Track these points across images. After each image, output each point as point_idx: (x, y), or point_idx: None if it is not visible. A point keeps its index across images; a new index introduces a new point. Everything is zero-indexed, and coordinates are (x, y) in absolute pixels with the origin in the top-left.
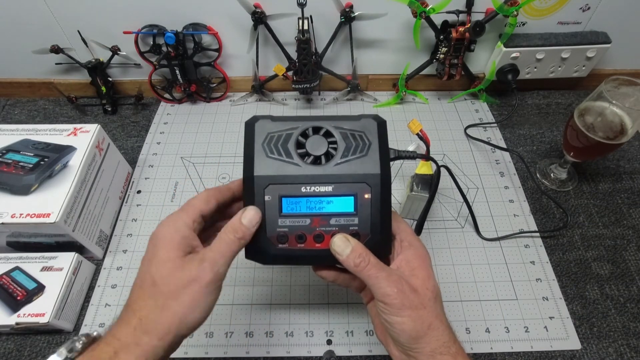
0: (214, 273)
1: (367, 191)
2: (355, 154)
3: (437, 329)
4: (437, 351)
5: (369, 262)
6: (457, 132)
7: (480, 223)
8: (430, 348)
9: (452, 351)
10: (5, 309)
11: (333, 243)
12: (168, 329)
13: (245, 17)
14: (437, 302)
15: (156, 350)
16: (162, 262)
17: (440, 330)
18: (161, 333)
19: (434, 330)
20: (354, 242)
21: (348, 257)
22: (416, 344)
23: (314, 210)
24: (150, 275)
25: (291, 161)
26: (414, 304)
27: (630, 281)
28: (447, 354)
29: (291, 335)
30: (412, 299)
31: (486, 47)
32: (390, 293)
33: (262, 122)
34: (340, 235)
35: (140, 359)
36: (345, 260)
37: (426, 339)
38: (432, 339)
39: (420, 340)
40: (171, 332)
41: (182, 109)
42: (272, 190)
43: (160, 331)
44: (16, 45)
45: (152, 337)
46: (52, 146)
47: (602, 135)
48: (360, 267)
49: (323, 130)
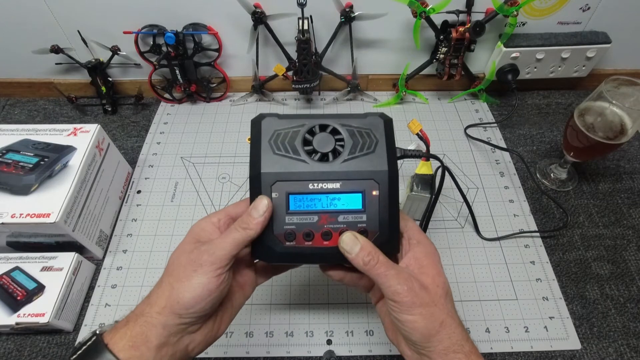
0: (209, 255)
1: (375, 188)
2: (362, 151)
3: (449, 326)
4: (450, 349)
5: (378, 260)
6: (457, 132)
7: (480, 223)
8: (443, 346)
9: (466, 349)
10: (5, 309)
11: (342, 241)
12: (164, 304)
13: (245, 17)
14: (448, 300)
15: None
16: (179, 248)
17: (452, 327)
18: (159, 307)
19: (446, 327)
20: (363, 240)
21: (357, 256)
22: (428, 342)
23: (321, 207)
24: (171, 259)
25: (298, 158)
26: (425, 302)
27: (630, 281)
28: (460, 352)
29: (291, 335)
30: (423, 297)
31: (486, 47)
32: (400, 291)
33: (269, 120)
34: (348, 233)
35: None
36: (354, 259)
37: (438, 337)
38: (444, 337)
39: (433, 339)
40: (167, 308)
41: (182, 109)
42: (279, 188)
43: (158, 305)
44: (16, 45)
45: (152, 309)
46: (52, 146)
47: (602, 135)
48: (370, 266)
49: (330, 127)
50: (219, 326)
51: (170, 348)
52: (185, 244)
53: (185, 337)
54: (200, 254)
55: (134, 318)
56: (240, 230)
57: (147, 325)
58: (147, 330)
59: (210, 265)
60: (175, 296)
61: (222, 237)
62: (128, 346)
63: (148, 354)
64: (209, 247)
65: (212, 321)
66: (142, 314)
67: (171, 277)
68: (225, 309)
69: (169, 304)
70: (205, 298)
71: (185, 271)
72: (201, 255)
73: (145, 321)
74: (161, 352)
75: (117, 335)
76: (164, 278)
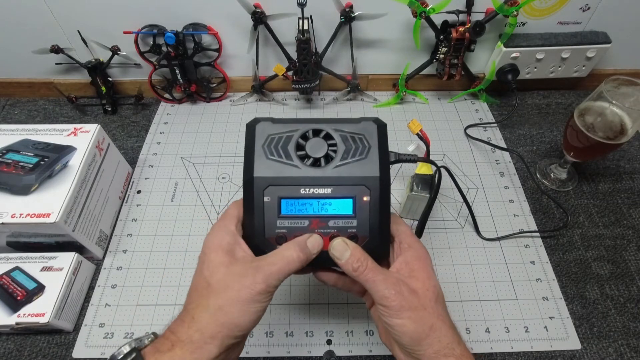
0: (266, 285)
1: (366, 194)
2: (354, 156)
3: (439, 329)
4: (440, 353)
5: (367, 266)
6: (457, 132)
7: (480, 223)
8: (433, 350)
9: (457, 353)
10: (5, 309)
11: (332, 247)
12: (219, 330)
13: (245, 17)
14: (439, 303)
15: (209, 349)
16: (214, 265)
17: (442, 331)
18: (212, 332)
19: (436, 331)
20: (353, 246)
21: (347, 262)
22: (418, 345)
23: (312, 212)
24: (203, 278)
25: (291, 163)
26: (413, 305)
27: (630, 281)
28: (451, 355)
29: (291, 335)
30: (411, 300)
31: (486, 47)
32: (388, 295)
33: (263, 124)
34: (339, 239)
35: (195, 353)
36: (343, 265)
37: (428, 340)
38: (434, 340)
39: (423, 342)
40: (222, 333)
41: (182, 109)
42: (272, 192)
43: (211, 330)
44: (16, 45)
45: (204, 335)
46: (52, 146)
47: (602, 135)
48: (359, 272)
49: (323, 132)
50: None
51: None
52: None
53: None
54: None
55: (181, 345)
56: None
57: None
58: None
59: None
60: (232, 322)
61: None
62: None
63: None
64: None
65: None
66: (191, 341)
67: (220, 300)
68: None
69: (225, 329)
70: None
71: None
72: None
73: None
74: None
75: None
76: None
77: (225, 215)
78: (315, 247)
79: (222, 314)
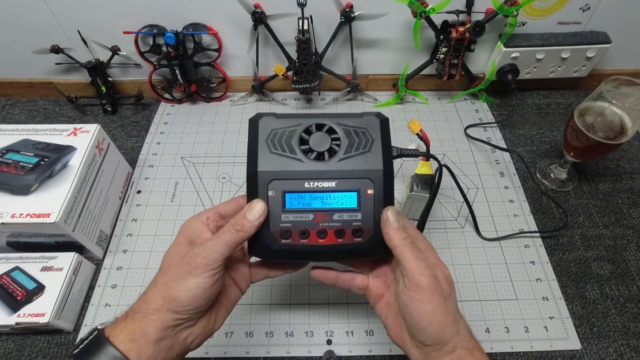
0: (202, 257)
1: (370, 187)
2: (358, 150)
3: (459, 320)
4: (458, 345)
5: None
6: (457, 132)
7: (480, 223)
8: (453, 342)
9: (470, 345)
10: (5, 309)
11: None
12: (161, 302)
13: (245, 17)
14: (454, 293)
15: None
16: (172, 248)
17: (462, 322)
18: (156, 305)
19: (457, 322)
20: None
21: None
22: (441, 335)
23: (317, 205)
24: (164, 259)
25: (295, 157)
26: (441, 292)
27: (630, 281)
28: (465, 347)
29: (291, 335)
30: (440, 287)
31: (486, 47)
32: (424, 273)
33: (266, 119)
34: (393, 208)
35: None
36: (397, 229)
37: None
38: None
39: (445, 334)
40: (164, 306)
41: (182, 109)
42: (276, 186)
43: (155, 303)
44: (16, 45)
45: (149, 306)
46: (52, 146)
47: (602, 135)
48: (406, 242)
49: (326, 127)
50: (215, 320)
51: (168, 341)
52: (177, 245)
53: (183, 330)
54: (194, 257)
55: (132, 314)
56: (233, 232)
57: (146, 320)
58: (146, 325)
59: (204, 267)
60: (171, 295)
61: (214, 239)
62: (128, 339)
63: (147, 346)
64: (202, 249)
65: (208, 315)
66: (139, 311)
67: (165, 276)
68: (221, 303)
69: (165, 302)
70: (201, 296)
71: (180, 272)
72: (195, 258)
73: (143, 317)
74: (159, 345)
75: (117, 329)
76: (158, 278)
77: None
78: (256, 214)
79: (164, 288)
